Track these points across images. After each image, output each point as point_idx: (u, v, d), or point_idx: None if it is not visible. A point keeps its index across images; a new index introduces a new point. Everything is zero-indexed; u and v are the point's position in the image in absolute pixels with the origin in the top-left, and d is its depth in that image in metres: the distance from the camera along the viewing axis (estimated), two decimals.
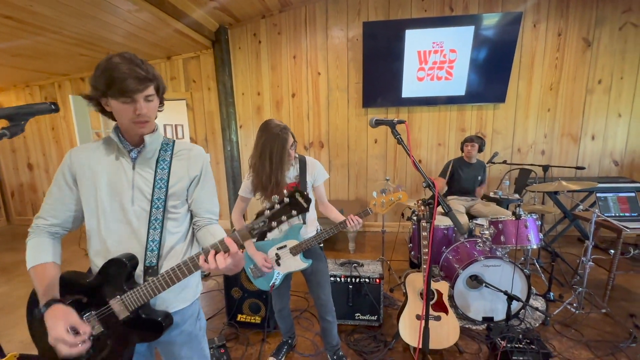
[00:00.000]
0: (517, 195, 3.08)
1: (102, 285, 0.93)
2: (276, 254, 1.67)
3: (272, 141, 1.49)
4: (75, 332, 0.87)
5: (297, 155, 1.66)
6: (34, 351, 1.00)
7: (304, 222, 1.68)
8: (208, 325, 1.98)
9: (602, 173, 3.99)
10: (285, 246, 1.65)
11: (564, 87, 3.84)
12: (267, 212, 0.84)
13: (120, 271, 0.92)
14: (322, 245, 1.79)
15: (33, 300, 0.98)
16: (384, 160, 4.27)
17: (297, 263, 1.67)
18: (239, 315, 2.32)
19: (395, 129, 1.18)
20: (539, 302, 2.53)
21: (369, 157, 4.29)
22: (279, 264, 1.68)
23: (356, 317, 2.31)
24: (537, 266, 2.90)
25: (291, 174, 1.65)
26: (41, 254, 0.93)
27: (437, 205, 1.04)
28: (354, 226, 1.56)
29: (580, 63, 3.77)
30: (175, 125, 5.80)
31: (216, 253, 0.85)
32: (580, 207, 2.79)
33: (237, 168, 4.41)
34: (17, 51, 3.51)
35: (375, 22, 3.83)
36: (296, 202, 0.84)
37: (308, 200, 0.84)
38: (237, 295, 2.30)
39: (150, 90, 0.91)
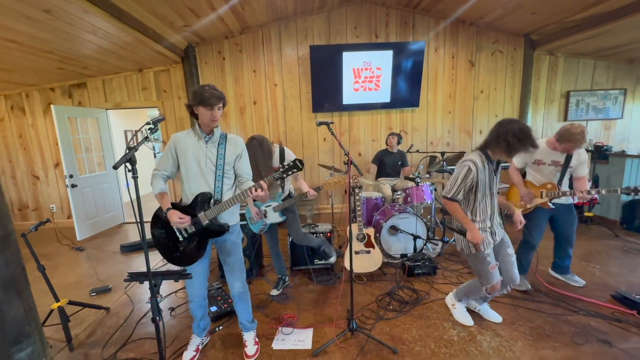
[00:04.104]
0: (428, 175, 4.29)
1: (194, 206, 1.77)
2: (265, 210, 2.55)
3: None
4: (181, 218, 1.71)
5: (277, 146, 2.53)
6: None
7: (282, 191, 2.58)
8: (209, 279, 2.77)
9: None
10: (270, 205, 2.54)
11: (458, 95, 5.22)
12: (281, 169, 1.74)
13: (204, 198, 1.76)
14: (296, 202, 2.69)
15: (157, 215, 1.81)
16: (331, 154, 5.29)
17: (277, 217, 2.56)
18: None
19: (330, 126, 2.11)
20: (439, 243, 3.71)
21: (320, 152, 5.28)
22: (266, 217, 2.56)
23: (315, 263, 3.25)
24: (438, 222, 4.11)
25: (275, 161, 2.53)
26: (160, 187, 1.78)
27: (351, 164, 2.01)
28: (312, 195, 2.52)
29: (468, 78, 5.18)
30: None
31: (256, 189, 1.73)
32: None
33: None
34: (0, 66, 3.84)
35: (319, 45, 4.83)
36: (296, 165, 1.75)
37: (302, 164, 1.75)
38: None
39: (221, 104, 1.76)
